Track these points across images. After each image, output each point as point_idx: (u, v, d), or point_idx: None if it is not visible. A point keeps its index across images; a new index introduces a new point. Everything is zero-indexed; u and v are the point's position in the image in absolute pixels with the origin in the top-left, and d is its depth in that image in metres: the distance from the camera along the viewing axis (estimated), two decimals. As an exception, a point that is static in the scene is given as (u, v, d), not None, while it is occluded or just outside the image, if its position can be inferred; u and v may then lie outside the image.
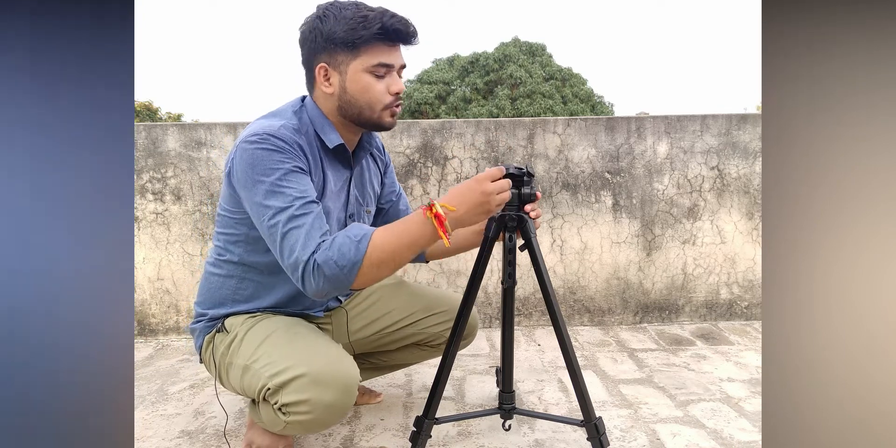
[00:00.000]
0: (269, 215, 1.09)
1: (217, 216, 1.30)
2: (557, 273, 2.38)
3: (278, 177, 1.09)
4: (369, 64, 1.14)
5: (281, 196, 1.09)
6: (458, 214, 1.07)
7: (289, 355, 1.14)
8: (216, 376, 1.31)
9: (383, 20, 1.11)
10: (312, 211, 1.09)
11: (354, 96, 1.17)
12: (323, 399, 1.10)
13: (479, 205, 1.07)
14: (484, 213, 1.09)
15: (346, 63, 1.15)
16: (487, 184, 1.07)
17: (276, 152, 1.10)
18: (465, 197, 1.07)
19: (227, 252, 1.29)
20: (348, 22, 1.11)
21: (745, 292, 2.44)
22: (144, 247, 2.29)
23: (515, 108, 19.86)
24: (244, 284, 1.30)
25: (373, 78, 1.15)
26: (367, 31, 1.10)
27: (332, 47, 1.14)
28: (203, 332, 1.33)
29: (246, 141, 1.12)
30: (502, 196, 1.09)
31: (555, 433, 1.48)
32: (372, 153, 1.42)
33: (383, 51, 1.14)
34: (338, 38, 1.12)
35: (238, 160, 1.13)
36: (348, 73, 1.16)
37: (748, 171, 2.36)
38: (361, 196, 1.37)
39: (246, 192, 1.13)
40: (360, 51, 1.13)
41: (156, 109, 23.61)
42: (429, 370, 1.93)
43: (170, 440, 1.50)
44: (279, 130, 1.13)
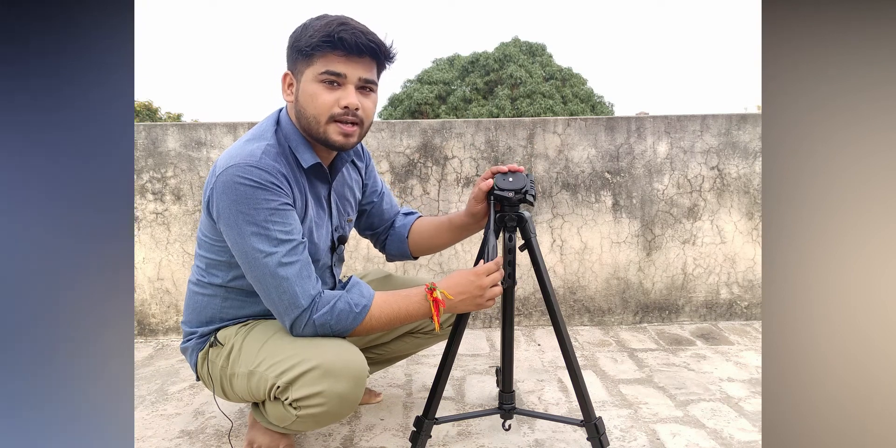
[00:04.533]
0: (257, 259, 1.10)
1: (198, 239, 1.28)
2: (557, 273, 2.38)
3: (264, 218, 1.09)
4: (318, 72, 1.11)
5: (266, 239, 1.09)
6: (453, 303, 1.18)
7: (294, 353, 1.14)
8: (220, 389, 1.29)
9: (330, 28, 1.09)
10: (300, 258, 1.13)
11: (304, 106, 1.14)
12: (335, 389, 1.11)
13: (473, 298, 1.18)
14: (475, 306, 1.19)
15: (301, 71, 1.14)
16: (484, 279, 1.16)
17: (260, 189, 1.09)
18: (463, 288, 1.17)
19: (209, 275, 1.27)
20: (311, 31, 1.10)
21: (745, 292, 2.44)
22: (144, 247, 2.29)
23: (515, 108, 19.85)
24: (228, 303, 1.28)
25: (321, 87, 1.12)
26: (315, 38, 1.09)
27: (294, 55, 1.14)
28: (196, 349, 1.32)
29: (227, 173, 1.09)
30: (493, 291, 1.18)
31: (555, 433, 1.48)
32: (353, 161, 1.41)
33: (334, 60, 1.11)
34: (298, 47, 1.12)
35: (220, 194, 1.10)
36: (302, 81, 1.14)
37: (748, 171, 2.36)
38: (343, 207, 1.36)
39: (230, 230, 1.11)
40: (313, 59, 1.11)
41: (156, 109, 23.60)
42: (429, 370, 1.93)
43: (170, 440, 1.50)
44: (261, 161, 1.10)
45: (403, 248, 1.50)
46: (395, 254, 1.53)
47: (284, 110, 1.24)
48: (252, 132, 1.21)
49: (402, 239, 1.49)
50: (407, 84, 22.63)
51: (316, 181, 1.26)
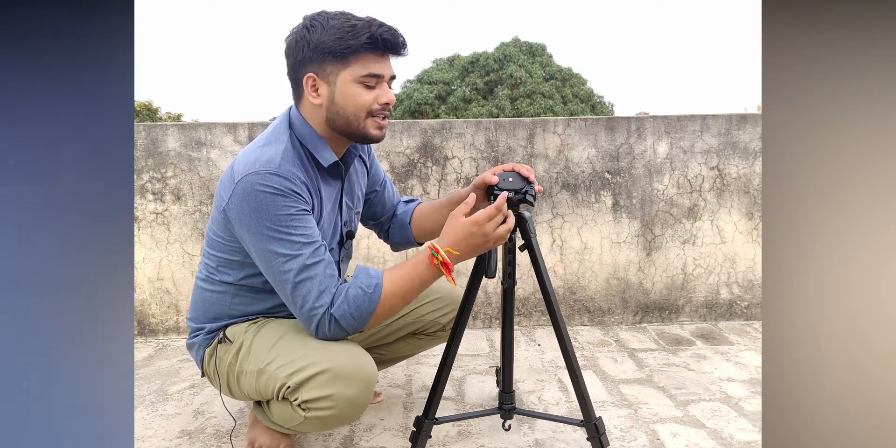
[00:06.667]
0: (280, 263, 1.10)
1: (208, 237, 1.27)
2: (557, 273, 2.38)
3: (286, 223, 1.10)
4: (359, 74, 1.12)
5: (289, 243, 1.10)
6: (459, 256, 1.15)
7: (306, 354, 1.14)
8: (226, 387, 1.29)
9: (371, 29, 1.09)
10: (323, 259, 1.13)
11: (343, 107, 1.15)
12: (345, 394, 1.11)
13: (478, 246, 1.14)
14: (483, 251, 1.17)
15: (335, 73, 1.13)
16: (486, 226, 1.13)
17: (281, 196, 1.09)
18: (465, 240, 1.14)
19: (219, 273, 1.27)
20: (337, 31, 1.10)
21: (745, 292, 2.44)
22: (144, 247, 2.29)
23: (515, 108, 19.85)
24: (238, 300, 1.28)
25: (362, 88, 1.14)
26: (356, 40, 1.09)
27: (321, 57, 1.12)
28: (203, 345, 1.31)
29: (247, 181, 1.10)
30: (499, 232, 1.14)
31: (555, 433, 1.48)
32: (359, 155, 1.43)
33: (373, 61, 1.12)
34: (326, 48, 1.10)
35: (240, 201, 1.11)
36: (337, 83, 1.14)
37: (748, 171, 2.36)
38: (351, 201, 1.37)
39: (250, 236, 1.12)
40: (349, 60, 1.11)
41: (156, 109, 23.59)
42: (429, 370, 1.93)
43: (170, 440, 1.50)
44: (281, 167, 1.11)
45: (407, 234, 1.50)
46: (400, 241, 1.53)
47: (294, 110, 1.23)
48: (266, 136, 1.21)
49: (404, 225, 1.50)
50: (407, 84, 22.63)
51: (329, 177, 1.26)
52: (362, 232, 2.25)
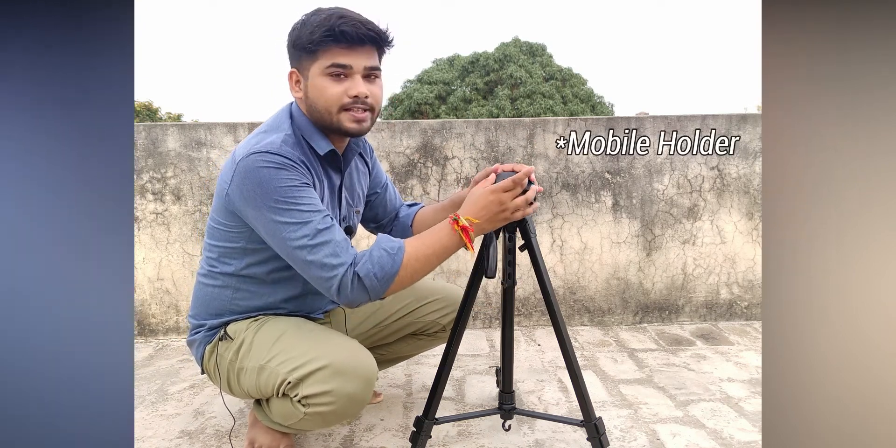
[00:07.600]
0: (292, 231, 1.09)
1: (209, 228, 1.28)
2: (557, 273, 2.38)
3: (291, 194, 1.10)
4: (324, 66, 1.14)
5: (297, 213, 1.10)
6: (480, 224, 1.15)
7: (308, 350, 1.15)
8: (226, 384, 1.29)
9: (331, 22, 1.11)
10: (333, 224, 1.12)
11: (314, 100, 1.17)
12: (345, 389, 1.12)
13: (498, 214, 1.14)
14: (504, 221, 1.16)
15: (308, 68, 1.16)
16: (502, 195, 1.13)
17: (283, 170, 1.10)
18: (486, 209, 1.14)
19: (220, 264, 1.27)
20: (309, 27, 1.12)
21: (745, 292, 2.44)
22: (144, 247, 2.29)
23: (515, 108, 19.85)
24: (239, 294, 1.28)
25: (329, 80, 1.14)
26: (318, 34, 1.11)
27: (298, 53, 1.16)
28: (203, 342, 1.32)
29: (248, 160, 1.11)
30: (517, 202, 1.14)
31: (555, 433, 1.48)
32: (360, 154, 1.43)
33: (338, 52, 1.13)
34: (300, 44, 1.14)
35: (242, 179, 1.11)
36: (310, 77, 1.16)
37: (748, 171, 2.36)
38: (351, 198, 1.38)
39: (257, 212, 1.12)
40: (317, 54, 1.13)
41: (156, 109, 23.59)
42: (429, 370, 1.93)
43: (170, 440, 1.50)
44: (281, 148, 1.12)
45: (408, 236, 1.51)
46: None
47: (295, 104, 1.25)
48: (267, 124, 1.23)
49: (406, 229, 1.51)
50: (407, 84, 22.63)
51: (329, 170, 1.27)
52: (363, 233, 2.25)
